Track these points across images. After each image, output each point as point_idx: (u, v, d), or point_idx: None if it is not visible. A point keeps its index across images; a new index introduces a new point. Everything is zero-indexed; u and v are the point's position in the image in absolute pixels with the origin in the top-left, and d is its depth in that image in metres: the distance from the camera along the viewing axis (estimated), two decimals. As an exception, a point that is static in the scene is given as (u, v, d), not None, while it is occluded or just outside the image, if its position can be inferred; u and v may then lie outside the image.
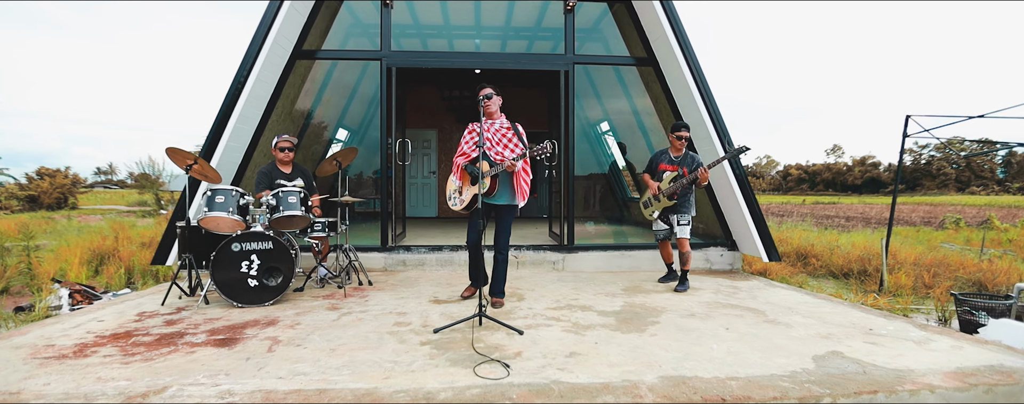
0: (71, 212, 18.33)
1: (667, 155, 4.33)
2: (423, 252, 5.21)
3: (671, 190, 4.19)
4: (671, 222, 4.32)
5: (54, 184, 26.90)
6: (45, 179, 28.19)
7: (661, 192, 4.25)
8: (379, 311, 3.49)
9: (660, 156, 4.38)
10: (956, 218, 16.50)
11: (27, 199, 23.33)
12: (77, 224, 12.21)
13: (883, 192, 52.13)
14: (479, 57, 5.39)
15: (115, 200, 29.09)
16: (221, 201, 3.61)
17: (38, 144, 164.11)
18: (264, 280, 3.60)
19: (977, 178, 53.11)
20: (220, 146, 4.59)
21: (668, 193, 4.22)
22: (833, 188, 59.16)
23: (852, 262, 6.45)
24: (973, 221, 16.85)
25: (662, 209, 4.31)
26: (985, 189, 49.23)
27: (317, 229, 4.13)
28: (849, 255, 6.71)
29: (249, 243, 3.57)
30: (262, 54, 4.66)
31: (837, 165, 62.90)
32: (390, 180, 5.36)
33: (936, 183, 54.75)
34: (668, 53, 5.12)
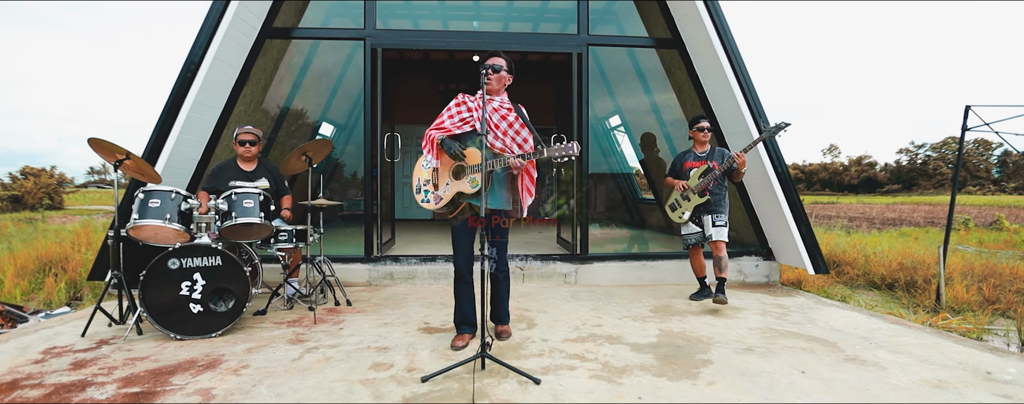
0: (48, 213, 17.42)
1: (692, 153, 3.82)
2: (414, 263, 4.49)
3: (702, 185, 3.60)
4: (704, 223, 3.68)
5: (39, 184, 26.05)
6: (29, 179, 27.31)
7: (690, 189, 3.66)
8: (354, 345, 2.76)
9: (684, 156, 3.87)
10: (965, 219, 15.94)
11: (10, 199, 22.49)
12: (44, 227, 11.39)
13: (879, 192, 51.88)
14: (478, 37, 4.68)
15: (106, 200, 28.20)
16: (156, 206, 2.87)
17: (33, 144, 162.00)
18: (211, 305, 2.86)
19: (973, 178, 52.99)
20: (170, 139, 3.85)
21: (699, 189, 3.61)
22: (829, 188, 58.88)
23: (895, 271, 5.77)
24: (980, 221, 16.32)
25: (693, 208, 3.66)
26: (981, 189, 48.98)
27: (283, 239, 3.39)
28: (890, 263, 6.03)
29: (191, 258, 2.83)
30: (221, 30, 3.92)
31: (833, 165, 62.63)
32: (376, 180, 4.63)
33: (932, 182, 54.55)
34: (698, 32, 4.41)
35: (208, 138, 4.37)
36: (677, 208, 3.80)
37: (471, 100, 2.74)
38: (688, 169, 3.77)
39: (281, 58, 5.18)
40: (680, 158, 3.89)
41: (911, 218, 19.20)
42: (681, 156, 3.90)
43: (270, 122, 5.67)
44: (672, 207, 3.85)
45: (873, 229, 14.23)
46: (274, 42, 4.82)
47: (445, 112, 2.74)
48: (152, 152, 3.81)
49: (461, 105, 2.73)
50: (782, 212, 4.32)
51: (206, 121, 4.24)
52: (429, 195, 2.68)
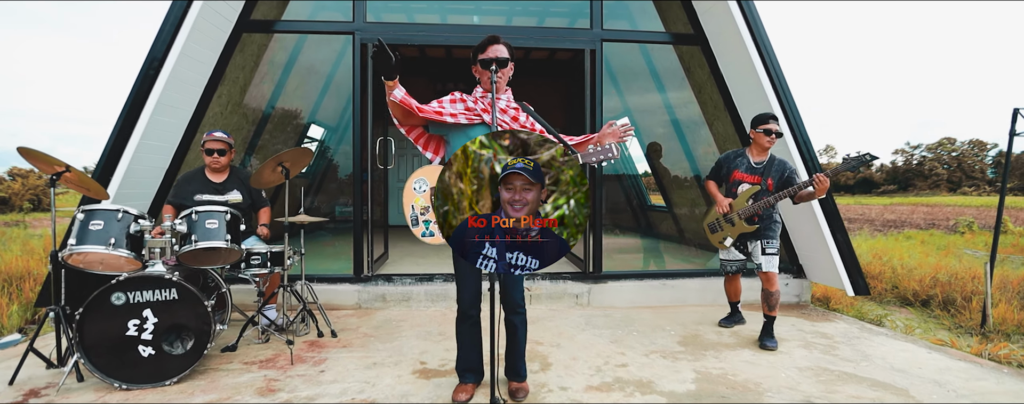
0: (27, 216, 16.84)
1: (745, 159, 3.15)
2: (409, 283, 4.02)
3: (752, 210, 3.03)
4: (751, 250, 3.16)
5: (27, 185, 25.47)
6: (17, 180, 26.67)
7: (736, 213, 3.08)
8: (336, 396, 2.30)
9: (735, 160, 3.19)
10: (969, 221, 15.63)
11: (-2, 201, 21.94)
12: (24, 232, 10.84)
13: (875, 192, 51.90)
14: (480, 31, 4.21)
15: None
16: (98, 228, 2.40)
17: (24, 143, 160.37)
18: (165, 346, 2.40)
19: (968, 178, 53.07)
20: (130, 145, 3.37)
21: (747, 214, 3.05)
22: (827, 188, 58.88)
23: (929, 287, 5.35)
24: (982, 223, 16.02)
25: (739, 236, 3.14)
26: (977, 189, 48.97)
27: (255, 263, 2.92)
28: (922, 277, 5.60)
29: (140, 291, 2.37)
30: (188, 21, 3.45)
31: (829, 166, 62.60)
32: (367, 187, 4.17)
33: (928, 183, 54.59)
34: (726, 27, 3.97)
35: (177, 144, 3.89)
36: (718, 230, 3.22)
37: (470, 99, 2.28)
38: (737, 181, 3.14)
39: (262, 54, 4.71)
40: (729, 161, 3.21)
41: (911, 220, 18.92)
42: (731, 159, 3.21)
43: (251, 125, 5.19)
44: (712, 228, 3.26)
45: (876, 232, 13.90)
46: (253, 37, 4.35)
47: (435, 109, 2.19)
48: (108, 161, 3.33)
49: (457, 103, 2.26)
50: (818, 226, 3.88)
51: (174, 124, 3.77)
52: (433, 226, 2.22)
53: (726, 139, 4.70)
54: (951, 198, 39.74)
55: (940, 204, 29.89)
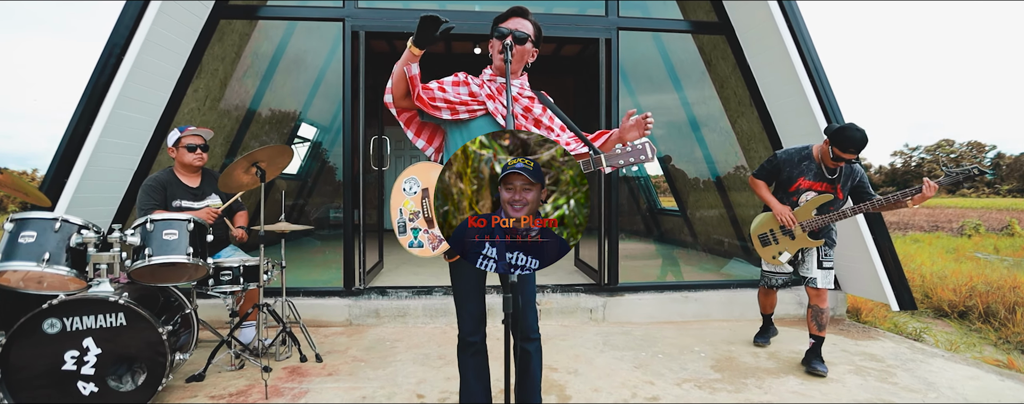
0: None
1: (811, 164, 2.63)
2: (405, 297, 3.63)
3: (821, 223, 2.59)
4: (805, 260, 2.72)
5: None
6: (7, 181, 26.25)
7: (800, 224, 2.62)
8: (314, 445, 1.90)
9: (800, 165, 2.64)
10: (975, 224, 15.32)
11: (-13, 203, 21.49)
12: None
13: (877, 195, 51.95)
14: (484, 18, 3.84)
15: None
16: (29, 241, 2.00)
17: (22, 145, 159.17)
18: (111, 382, 2.00)
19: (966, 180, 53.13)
20: (88, 143, 2.97)
21: (814, 227, 2.61)
22: (825, 191, 58.98)
23: (966, 298, 4.96)
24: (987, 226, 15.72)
25: (797, 251, 2.70)
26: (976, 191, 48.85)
27: (225, 279, 2.52)
28: (958, 287, 5.22)
29: (80, 317, 1.97)
30: (153, 4, 3.05)
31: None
32: (357, 189, 3.78)
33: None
34: (757, 15, 3.59)
35: (147, 143, 3.49)
36: (770, 243, 2.75)
37: (474, 81, 1.86)
38: (801, 190, 2.66)
39: (244, 44, 4.31)
40: (792, 164, 2.67)
41: (914, 222, 18.61)
42: (796, 160, 2.66)
43: (233, 124, 4.79)
44: (763, 240, 2.78)
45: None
46: (233, 24, 3.96)
47: (431, 93, 1.75)
48: (62, 162, 2.93)
49: (460, 85, 1.84)
50: (859, 231, 3.51)
51: (142, 121, 3.37)
52: (421, 236, 1.81)
53: (751, 137, 4.33)
54: (951, 200, 39.53)
55: (940, 206, 29.62)
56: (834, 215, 2.56)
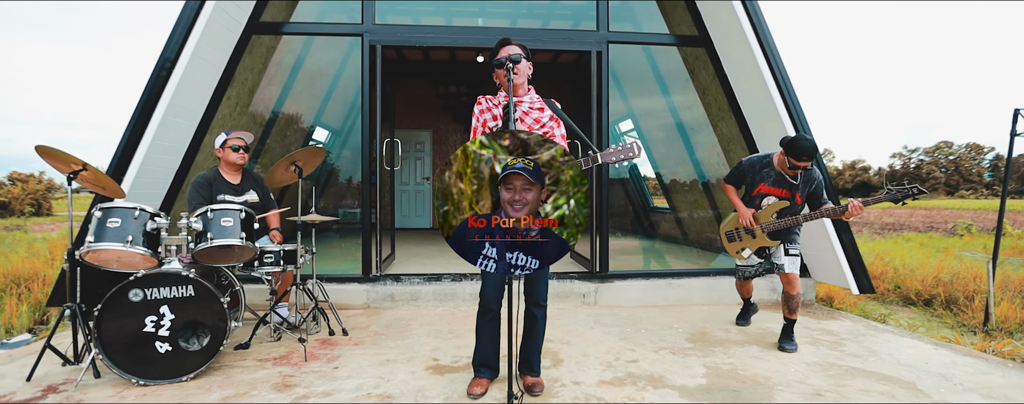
0: (29, 220, 16.82)
1: (774, 174, 2.93)
2: (417, 283, 4.05)
3: (776, 227, 2.94)
4: (770, 252, 3.09)
5: (27, 189, 25.45)
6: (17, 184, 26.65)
7: (760, 225, 2.99)
8: (352, 392, 2.32)
9: (762, 171, 2.97)
10: (967, 224, 15.67)
11: (-2, 205, 21.90)
12: (25, 236, 10.83)
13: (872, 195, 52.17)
14: (486, 33, 4.27)
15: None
16: (115, 226, 2.43)
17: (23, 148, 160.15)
18: (181, 343, 2.42)
19: (966, 182, 53.22)
20: (142, 145, 3.41)
21: (770, 230, 2.97)
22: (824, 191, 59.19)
23: (931, 287, 5.38)
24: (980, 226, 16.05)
25: (759, 249, 3.07)
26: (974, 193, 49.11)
27: (268, 261, 2.95)
28: (924, 277, 5.64)
29: (157, 288, 2.39)
30: (199, 23, 3.49)
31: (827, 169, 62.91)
32: (374, 189, 4.20)
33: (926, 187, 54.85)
34: (731, 30, 4.02)
35: (187, 145, 3.93)
36: (735, 240, 3.12)
37: (492, 101, 2.31)
38: (762, 194, 2.99)
39: (270, 56, 4.75)
40: (755, 169, 2.99)
41: (909, 223, 18.93)
42: (757, 167, 2.99)
43: (258, 127, 5.22)
44: (730, 237, 3.14)
45: (875, 235, 13.93)
46: (262, 38, 4.40)
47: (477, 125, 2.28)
48: (120, 161, 3.37)
49: (485, 112, 2.29)
50: (823, 226, 3.93)
51: (185, 126, 3.80)
52: None
53: (730, 140, 4.75)
54: (949, 201, 39.82)
55: (938, 207, 29.91)
56: (788, 220, 2.91)
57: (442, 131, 8.79)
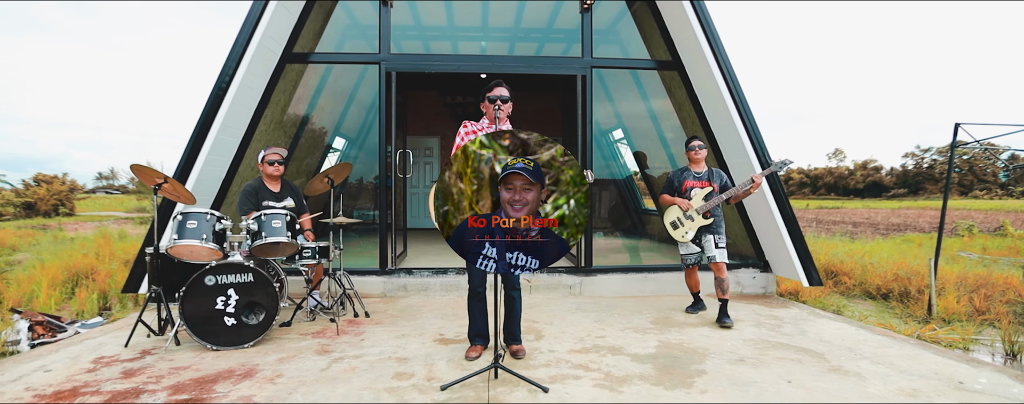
0: (64, 220, 17.79)
1: (690, 172, 3.92)
2: (426, 276, 4.72)
3: (707, 207, 3.75)
4: (704, 244, 3.83)
5: (51, 191, 26.52)
6: (42, 186, 27.79)
7: (695, 209, 3.80)
8: (376, 355, 2.99)
9: (682, 174, 3.94)
10: (969, 225, 15.97)
11: (24, 206, 22.96)
12: (65, 235, 11.71)
13: (885, 196, 51.78)
14: (487, 60, 4.92)
15: (114, 206, 28.62)
16: (193, 226, 3.13)
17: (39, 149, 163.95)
18: (243, 318, 3.11)
19: (980, 182, 52.70)
20: (199, 161, 4.11)
21: (703, 210, 3.76)
22: (835, 192, 58.84)
23: (890, 281, 5.95)
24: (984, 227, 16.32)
25: (697, 229, 3.82)
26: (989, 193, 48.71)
27: (307, 255, 3.64)
28: (885, 273, 6.21)
29: (225, 275, 3.08)
30: (247, 57, 4.19)
31: (839, 169, 62.59)
32: (389, 192, 4.88)
33: (938, 187, 54.29)
34: (696, 56, 4.64)
35: (232, 158, 4.63)
36: (680, 226, 3.89)
37: (476, 126, 2.91)
38: (689, 188, 3.86)
39: (299, 80, 5.45)
40: (678, 176, 3.95)
41: (916, 224, 19.19)
42: (679, 174, 3.96)
43: (288, 139, 5.93)
44: (674, 225, 3.93)
45: (877, 235, 14.33)
46: (293, 66, 5.09)
47: (460, 143, 2.82)
48: (183, 171, 4.08)
49: (470, 135, 2.89)
50: (777, 226, 4.53)
51: (231, 142, 4.51)
52: None
53: (703, 150, 5.35)
54: (961, 202, 39.68)
55: (949, 208, 29.93)
56: (714, 200, 3.73)
57: (449, 138, 9.49)
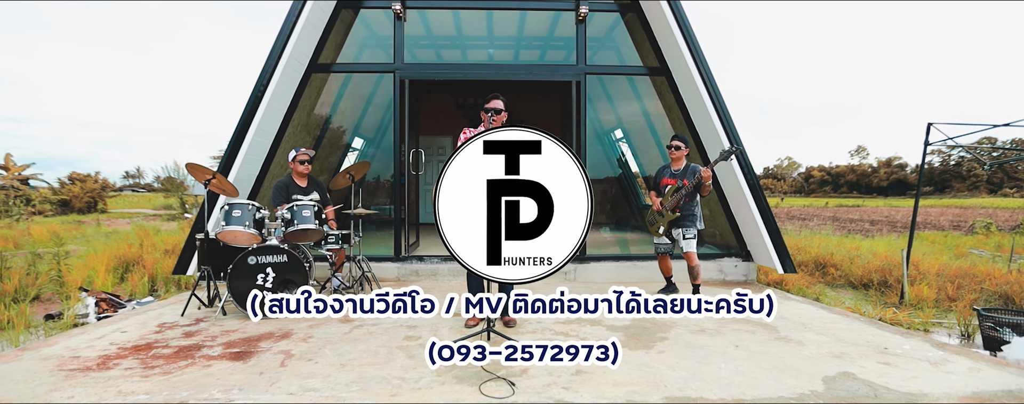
0: (100, 216, 18.88)
1: (668, 170, 4.31)
2: (436, 262, 5.27)
3: (673, 203, 4.13)
4: (675, 237, 4.25)
5: (85, 189, 27.87)
6: (77, 184, 29.20)
7: (664, 206, 4.20)
8: (391, 324, 3.54)
9: (662, 172, 4.36)
10: (986, 222, 15.90)
11: (59, 203, 24.27)
12: (105, 229, 12.62)
13: (909, 194, 50.75)
14: (491, 68, 5.43)
15: (142, 204, 29.95)
16: (238, 215, 3.71)
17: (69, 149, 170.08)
18: (280, 293, 3.68)
19: (1010, 179, 51.32)
20: (238, 159, 4.71)
21: (670, 206, 4.16)
22: (857, 190, 57.87)
23: (872, 272, 6.30)
24: (1005, 225, 16.21)
25: (668, 223, 4.25)
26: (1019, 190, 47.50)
27: (331, 241, 4.21)
28: (869, 264, 6.56)
29: (264, 256, 3.66)
30: (278, 69, 4.77)
31: (862, 167, 61.55)
32: (403, 188, 5.43)
33: (966, 185, 53.09)
34: (680, 63, 5.09)
35: (264, 157, 5.23)
36: (654, 223, 4.32)
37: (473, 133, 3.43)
38: (664, 185, 4.27)
39: (323, 87, 6.04)
40: (659, 173, 4.36)
41: (937, 222, 18.98)
42: (660, 171, 4.36)
43: (312, 140, 6.54)
44: (651, 221, 4.37)
45: (893, 232, 14.43)
46: (318, 75, 5.68)
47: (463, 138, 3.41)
48: (224, 168, 4.68)
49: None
50: (754, 217, 4.96)
51: (264, 144, 5.11)
52: None
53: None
54: (987, 200, 38.84)
55: (974, 206, 29.32)
56: (678, 195, 4.09)
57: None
